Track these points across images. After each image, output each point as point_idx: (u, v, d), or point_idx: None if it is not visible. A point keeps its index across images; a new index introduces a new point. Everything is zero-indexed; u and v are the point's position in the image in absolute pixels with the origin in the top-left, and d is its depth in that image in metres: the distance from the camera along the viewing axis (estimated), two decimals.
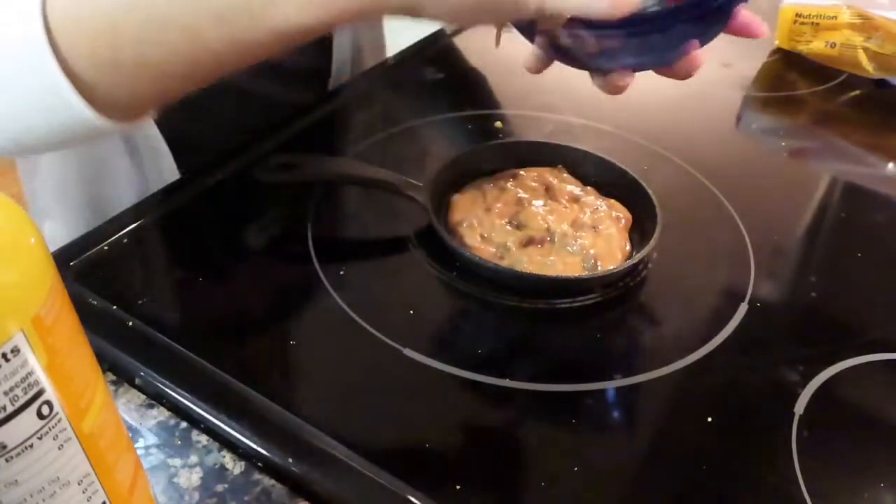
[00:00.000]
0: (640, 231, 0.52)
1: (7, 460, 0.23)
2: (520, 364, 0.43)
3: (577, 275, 0.48)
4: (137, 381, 0.40)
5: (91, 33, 0.36)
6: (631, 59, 0.40)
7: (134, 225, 0.51)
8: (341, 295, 0.46)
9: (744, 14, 0.39)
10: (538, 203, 0.52)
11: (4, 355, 0.21)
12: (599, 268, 0.48)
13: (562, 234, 0.50)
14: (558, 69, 0.43)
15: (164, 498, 0.35)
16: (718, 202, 0.57)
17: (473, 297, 0.48)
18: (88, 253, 0.49)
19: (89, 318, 0.43)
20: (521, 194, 0.53)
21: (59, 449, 0.24)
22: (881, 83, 0.75)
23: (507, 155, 0.57)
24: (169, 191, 0.55)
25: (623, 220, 0.52)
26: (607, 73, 0.40)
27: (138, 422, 0.39)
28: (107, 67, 0.36)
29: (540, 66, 0.44)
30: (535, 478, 0.37)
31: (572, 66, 0.42)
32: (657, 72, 0.41)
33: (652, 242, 0.49)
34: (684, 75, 0.40)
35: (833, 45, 0.76)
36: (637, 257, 0.48)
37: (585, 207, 0.52)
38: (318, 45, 0.65)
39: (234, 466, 0.37)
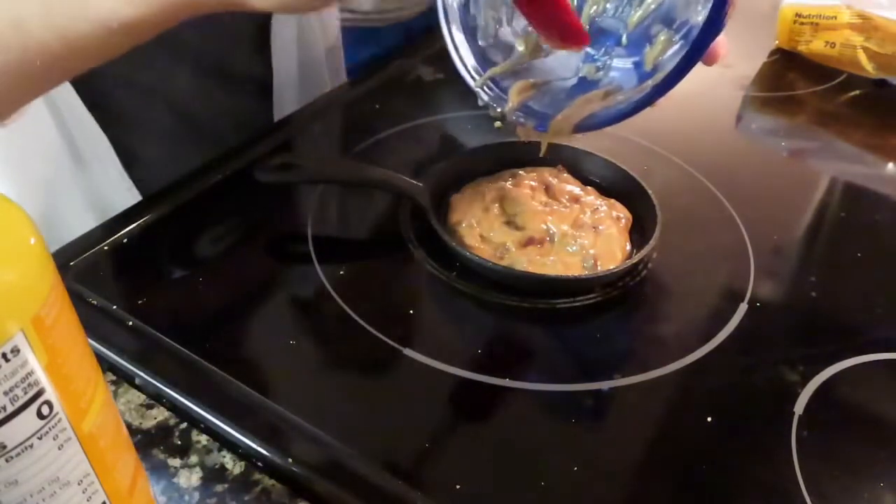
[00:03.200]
0: (640, 231, 0.52)
1: (7, 460, 0.23)
2: (520, 364, 0.43)
3: (577, 275, 0.48)
4: (137, 381, 0.40)
5: None
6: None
7: (134, 225, 0.51)
8: (341, 295, 0.46)
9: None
10: (538, 203, 0.52)
11: (4, 355, 0.21)
12: (599, 268, 0.48)
13: (562, 234, 0.50)
14: None
15: (164, 498, 0.35)
16: (718, 202, 0.57)
17: (473, 297, 0.48)
18: (88, 253, 0.49)
19: (89, 318, 0.43)
20: (521, 194, 0.53)
21: (59, 449, 0.24)
22: (881, 83, 0.75)
23: (507, 155, 0.57)
24: (169, 191, 0.55)
25: (623, 220, 0.52)
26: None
27: (138, 422, 0.39)
28: None
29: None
30: (535, 478, 0.37)
31: None
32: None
33: (652, 242, 0.49)
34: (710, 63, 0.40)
35: (833, 45, 0.77)
36: (637, 257, 0.48)
37: (585, 207, 0.52)
38: (258, 53, 0.64)
39: (234, 466, 0.37)
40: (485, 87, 0.45)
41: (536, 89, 0.45)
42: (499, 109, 0.44)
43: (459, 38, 0.45)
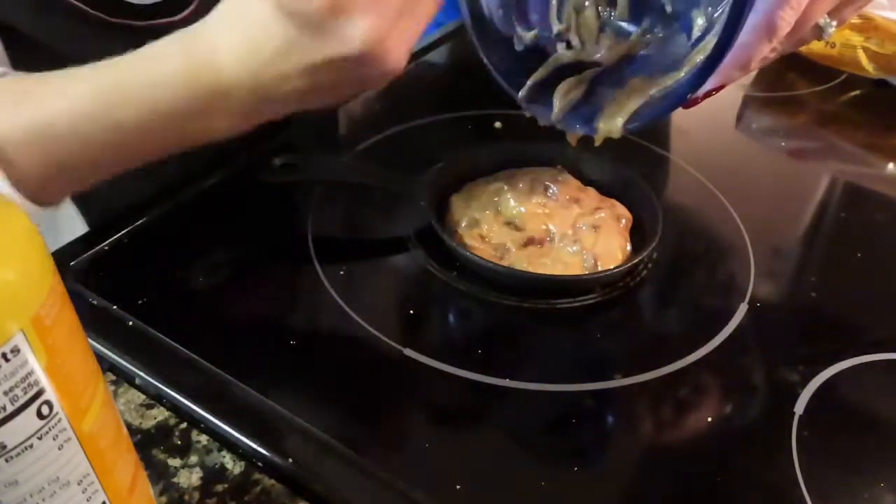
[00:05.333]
0: (640, 231, 0.52)
1: (7, 460, 0.23)
2: (520, 364, 0.43)
3: (577, 275, 0.48)
4: (137, 381, 0.40)
5: (43, 157, 0.39)
6: None
7: (134, 225, 0.51)
8: (341, 295, 0.46)
9: None
10: (538, 203, 0.52)
11: (4, 355, 0.21)
12: (599, 268, 0.48)
13: (562, 234, 0.50)
14: None
15: (164, 498, 0.35)
16: (718, 202, 0.57)
17: (473, 297, 0.48)
18: (88, 253, 0.49)
19: (89, 318, 0.43)
20: (521, 195, 0.53)
21: (59, 449, 0.24)
22: (881, 83, 0.75)
23: (506, 155, 0.57)
24: (169, 190, 0.55)
25: (623, 221, 0.52)
26: None
27: (138, 422, 0.39)
28: (52, 178, 0.39)
29: None
30: (536, 478, 0.37)
31: None
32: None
33: (652, 242, 0.49)
34: None
35: (833, 45, 0.76)
36: (637, 257, 0.48)
37: (585, 207, 0.52)
38: None
39: (234, 466, 0.37)
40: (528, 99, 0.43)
41: (585, 83, 0.43)
42: (546, 116, 0.43)
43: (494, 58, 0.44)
